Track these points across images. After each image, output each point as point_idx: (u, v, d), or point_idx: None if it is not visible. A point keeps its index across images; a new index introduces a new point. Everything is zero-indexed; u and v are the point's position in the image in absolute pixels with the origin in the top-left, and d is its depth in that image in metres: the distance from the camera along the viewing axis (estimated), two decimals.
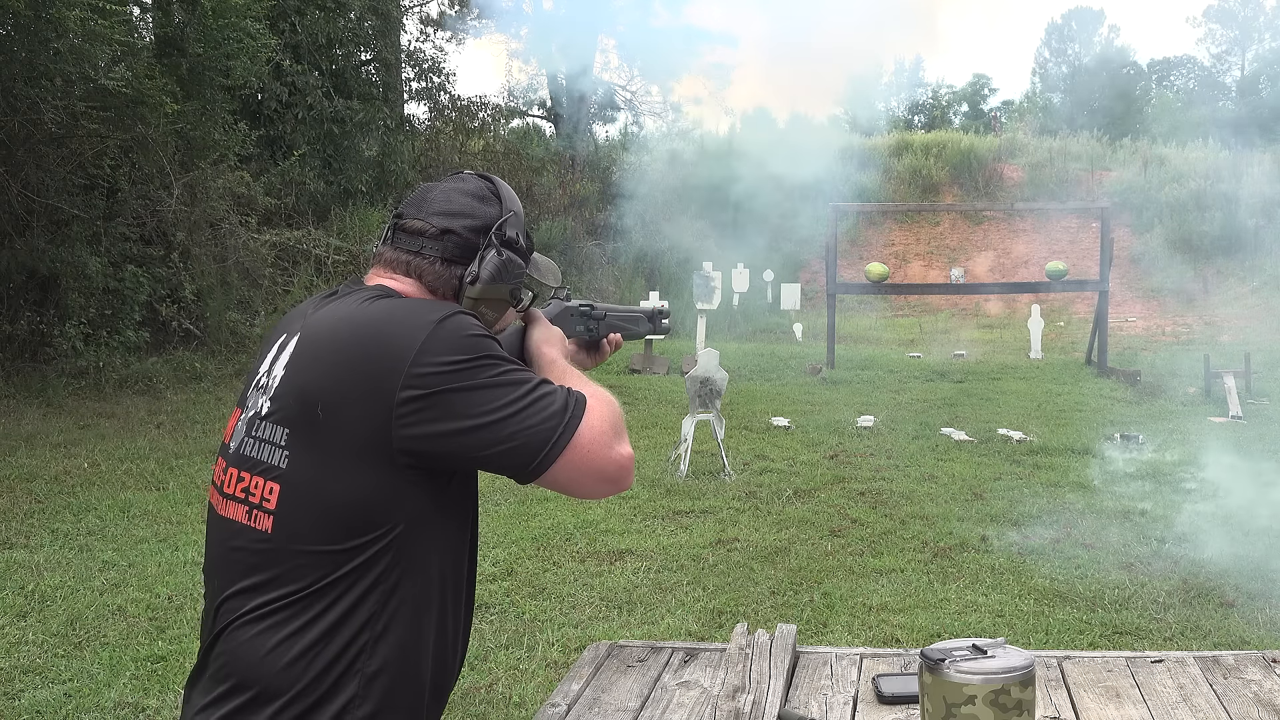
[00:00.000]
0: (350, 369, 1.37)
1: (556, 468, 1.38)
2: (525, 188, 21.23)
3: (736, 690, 2.12)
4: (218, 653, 1.41)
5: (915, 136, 29.69)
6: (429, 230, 1.52)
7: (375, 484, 1.36)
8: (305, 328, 1.47)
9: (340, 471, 1.36)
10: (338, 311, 1.46)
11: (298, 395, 1.40)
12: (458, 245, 1.53)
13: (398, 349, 1.36)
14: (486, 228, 1.54)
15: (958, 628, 4.63)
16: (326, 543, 1.36)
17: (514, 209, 1.60)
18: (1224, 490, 7.24)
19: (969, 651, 1.77)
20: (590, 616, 4.86)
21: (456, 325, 1.39)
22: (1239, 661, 2.39)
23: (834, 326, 14.21)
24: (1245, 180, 23.61)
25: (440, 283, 1.52)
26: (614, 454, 1.42)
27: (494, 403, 1.36)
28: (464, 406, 1.35)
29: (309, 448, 1.38)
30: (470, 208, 1.55)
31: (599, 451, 1.40)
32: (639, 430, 9.41)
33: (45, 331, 10.69)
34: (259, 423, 1.44)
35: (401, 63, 19.75)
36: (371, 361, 1.36)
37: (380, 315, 1.41)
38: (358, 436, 1.35)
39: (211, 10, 11.43)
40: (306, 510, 1.38)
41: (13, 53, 10.01)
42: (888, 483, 7.50)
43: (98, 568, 5.50)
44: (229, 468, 1.47)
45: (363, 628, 1.37)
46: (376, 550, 1.37)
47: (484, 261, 1.52)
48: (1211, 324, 18.72)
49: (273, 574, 1.38)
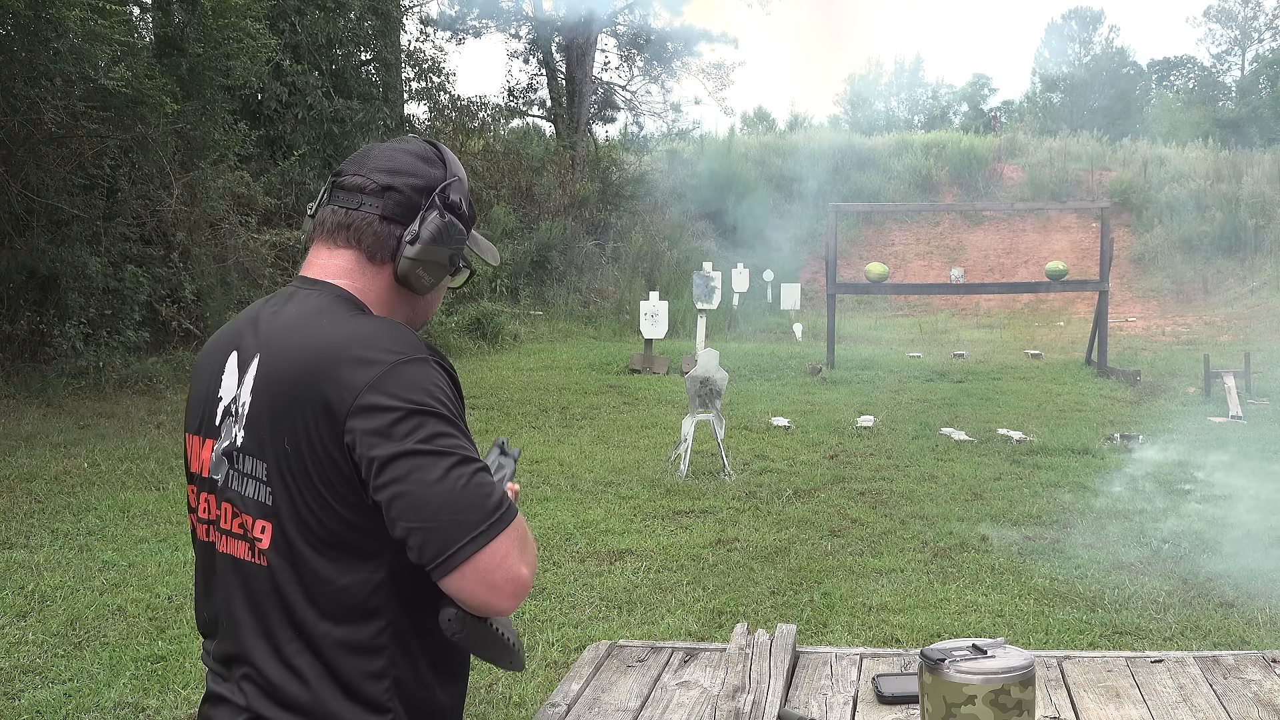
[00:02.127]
0: (306, 403, 1.32)
1: (468, 566, 1.27)
2: (525, 188, 21.24)
3: (736, 690, 2.12)
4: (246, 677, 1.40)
5: (915, 136, 29.72)
6: (369, 186, 1.45)
7: (356, 513, 1.34)
8: (264, 349, 1.41)
9: (320, 504, 1.33)
10: (291, 334, 1.39)
11: (268, 428, 1.36)
12: (398, 204, 1.45)
13: (349, 379, 1.31)
14: (430, 188, 1.47)
15: (958, 628, 4.63)
16: (327, 572, 1.35)
17: (459, 174, 1.53)
18: (1224, 490, 7.24)
19: (969, 651, 1.77)
20: (590, 616, 4.86)
21: (415, 371, 1.33)
22: (1239, 661, 2.39)
23: (834, 326, 14.22)
24: (1245, 180, 23.61)
25: (379, 244, 1.45)
26: (519, 572, 1.31)
27: (420, 473, 1.27)
28: (393, 467, 1.28)
29: (288, 481, 1.34)
30: (414, 166, 1.48)
31: (509, 563, 1.30)
32: (639, 430, 9.42)
33: (45, 331, 10.69)
34: (238, 455, 1.40)
35: (401, 63, 19.76)
36: (326, 384, 1.31)
37: (337, 343, 1.35)
38: (325, 469, 1.32)
39: (211, 10, 11.42)
40: (300, 545, 1.35)
41: (13, 53, 10.00)
42: (888, 483, 7.50)
43: (98, 568, 5.50)
44: (222, 502, 1.42)
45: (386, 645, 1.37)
46: (377, 577, 1.36)
47: (425, 221, 1.45)
48: (1211, 324, 18.72)
49: (283, 607, 1.37)
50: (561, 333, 17.11)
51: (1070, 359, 14.94)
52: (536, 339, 16.62)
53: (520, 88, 24.65)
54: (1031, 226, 24.09)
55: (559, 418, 10.04)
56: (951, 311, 20.89)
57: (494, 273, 17.97)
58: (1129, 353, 15.22)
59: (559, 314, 18.05)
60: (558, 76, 24.10)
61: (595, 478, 7.54)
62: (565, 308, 18.53)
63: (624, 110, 25.61)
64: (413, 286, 1.47)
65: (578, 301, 19.13)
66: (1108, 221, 14.40)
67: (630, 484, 7.39)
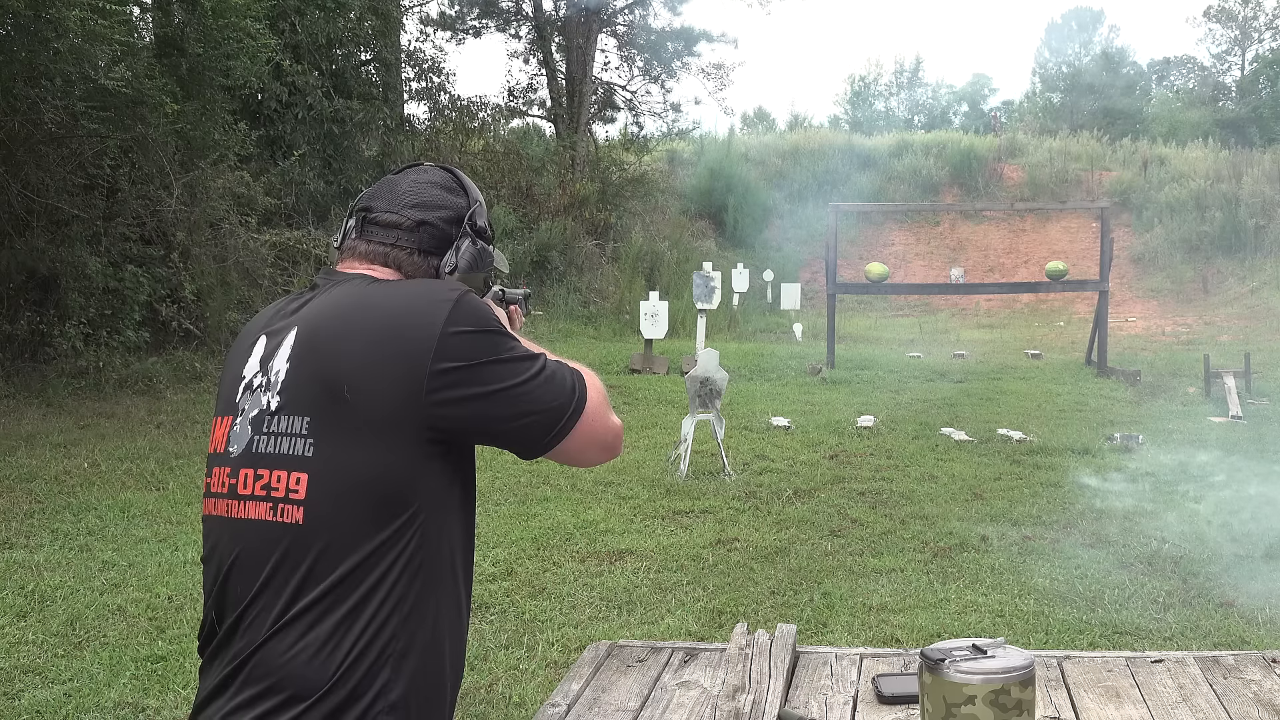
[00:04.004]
0: (378, 346, 1.40)
1: (568, 440, 1.48)
2: (525, 188, 21.23)
3: (736, 690, 2.12)
4: (248, 658, 1.38)
5: (915, 136, 29.71)
6: (404, 223, 1.55)
7: (402, 461, 1.39)
8: (304, 321, 1.47)
9: (369, 451, 1.38)
10: (341, 299, 1.47)
11: (318, 381, 1.41)
12: (433, 237, 1.56)
13: (425, 322, 1.41)
14: (459, 218, 1.59)
15: (958, 628, 4.63)
16: (359, 524, 1.38)
17: (479, 199, 1.64)
18: (1224, 490, 7.24)
19: (969, 651, 1.77)
20: (590, 616, 4.86)
21: (473, 302, 1.46)
22: (1239, 661, 2.39)
23: (834, 326, 14.21)
24: (1245, 180, 23.61)
25: (419, 274, 1.55)
26: (611, 424, 1.55)
27: (516, 377, 1.44)
28: (491, 377, 1.42)
29: (335, 431, 1.39)
30: (441, 199, 1.59)
31: (600, 423, 1.52)
32: (639, 430, 9.41)
33: (45, 331, 10.68)
34: (269, 419, 1.43)
35: (401, 63, 19.75)
36: (399, 337, 1.40)
37: (397, 293, 1.46)
38: (387, 412, 1.38)
39: (211, 10, 11.41)
40: (338, 494, 1.38)
41: (13, 53, 10.00)
42: (888, 483, 7.50)
43: (98, 568, 5.50)
44: (240, 469, 1.44)
45: (394, 610, 1.38)
46: (403, 529, 1.39)
47: (460, 251, 1.57)
48: (1211, 324, 18.72)
49: (305, 566, 1.37)
50: (561, 333, 17.11)
51: (1070, 359, 14.94)
52: (537, 339, 16.40)
53: (520, 88, 24.65)
54: (1031, 226, 24.09)
55: None
56: (951, 311, 20.88)
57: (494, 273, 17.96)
58: (1129, 353, 15.21)
59: (559, 314, 18.05)
60: (558, 76, 24.08)
61: (595, 478, 7.54)
62: (565, 308, 18.53)
63: (624, 110, 25.59)
64: None
65: (578, 301, 19.13)
66: (1108, 221, 14.40)
67: (630, 484, 7.39)
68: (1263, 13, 43.48)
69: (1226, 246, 22.10)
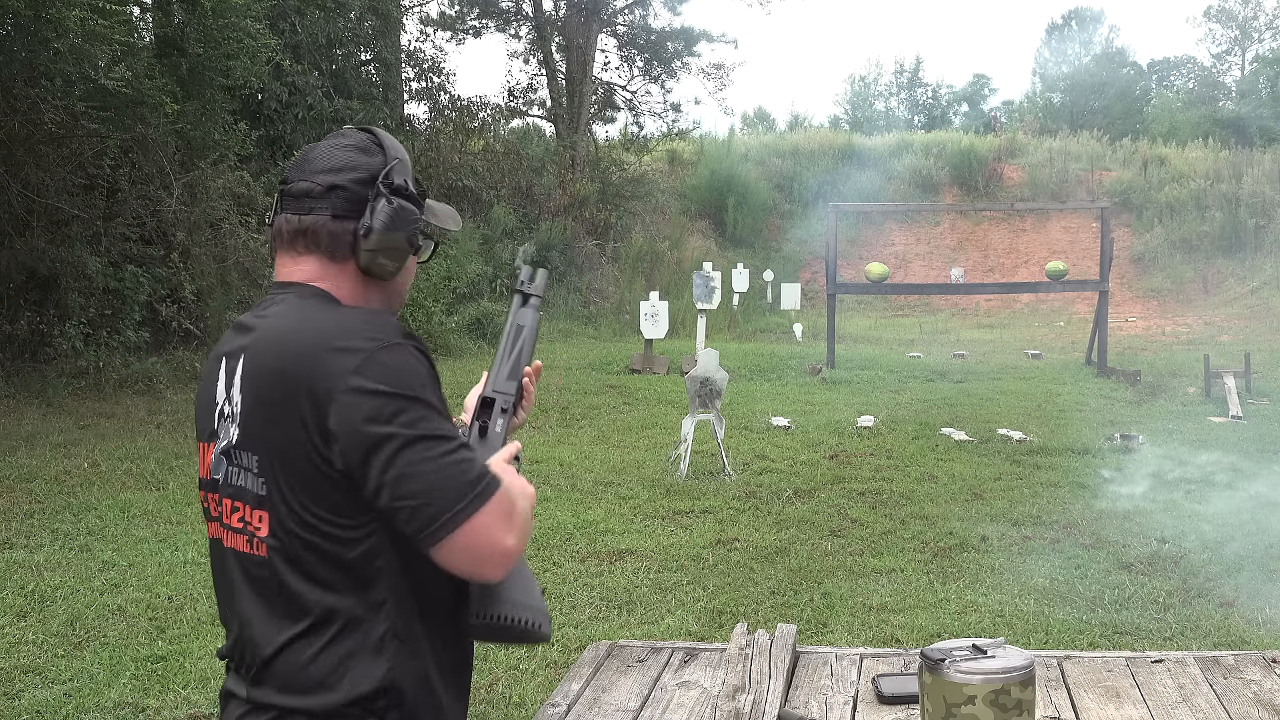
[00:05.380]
0: (293, 394, 1.37)
1: (446, 543, 1.34)
2: (525, 188, 21.23)
3: (736, 690, 2.12)
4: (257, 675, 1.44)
5: (915, 136, 29.70)
6: (315, 190, 1.49)
7: (341, 497, 1.37)
8: (248, 349, 1.46)
9: (305, 491, 1.37)
10: (273, 332, 1.45)
11: (258, 422, 1.41)
12: (346, 200, 1.49)
13: (331, 370, 1.35)
14: (373, 178, 1.50)
15: (958, 628, 4.63)
16: (320, 561, 1.38)
17: (399, 156, 1.55)
18: (1224, 490, 7.24)
19: (969, 651, 1.77)
20: (590, 616, 4.86)
21: (393, 357, 1.37)
22: (1239, 661, 2.39)
23: (834, 326, 14.21)
24: (1245, 180, 23.61)
25: (336, 243, 1.49)
26: (504, 543, 1.37)
27: (406, 452, 1.33)
28: (377, 445, 1.33)
29: (275, 471, 1.39)
30: (353, 160, 1.51)
31: (491, 536, 1.36)
32: (639, 430, 9.42)
33: (45, 331, 10.68)
34: (235, 452, 1.45)
35: (401, 63, 19.75)
36: (309, 384, 1.36)
37: (319, 334, 1.40)
38: (309, 457, 1.36)
39: (211, 10, 11.41)
40: (292, 533, 1.39)
41: (13, 53, 10.00)
42: (888, 483, 7.50)
43: (98, 568, 5.50)
44: (223, 499, 1.47)
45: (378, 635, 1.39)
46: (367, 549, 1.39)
47: (375, 211, 1.48)
48: (1211, 324, 18.72)
49: (285, 596, 1.40)
50: (562, 333, 17.11)
51: (1070, 359, 14.93)
52: (537, 339, 16.60)
53: (520, 88, 24.65)
54: (1031, 226, 24.09)
55: (559, 418, 10.04)
56: (951, 311, 20.88)
57: (494, 273, 17.98)
58: (1129, 353, 15.22)
59: (559, 314, 18.05)
60: (558, 76, 24.08)
61: (595, 478, 7.54)
62: (565, 308, 18.53)
63: (624, 110, 25.58)
64: (378, 275, 1.51)
65: (578, 301, 19.13)
66: (1108, 221, 14.40)
67: (630, 484, 7.39)
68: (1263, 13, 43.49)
69: (1226, 246, 22.10)
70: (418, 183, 1.57)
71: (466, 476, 1.35)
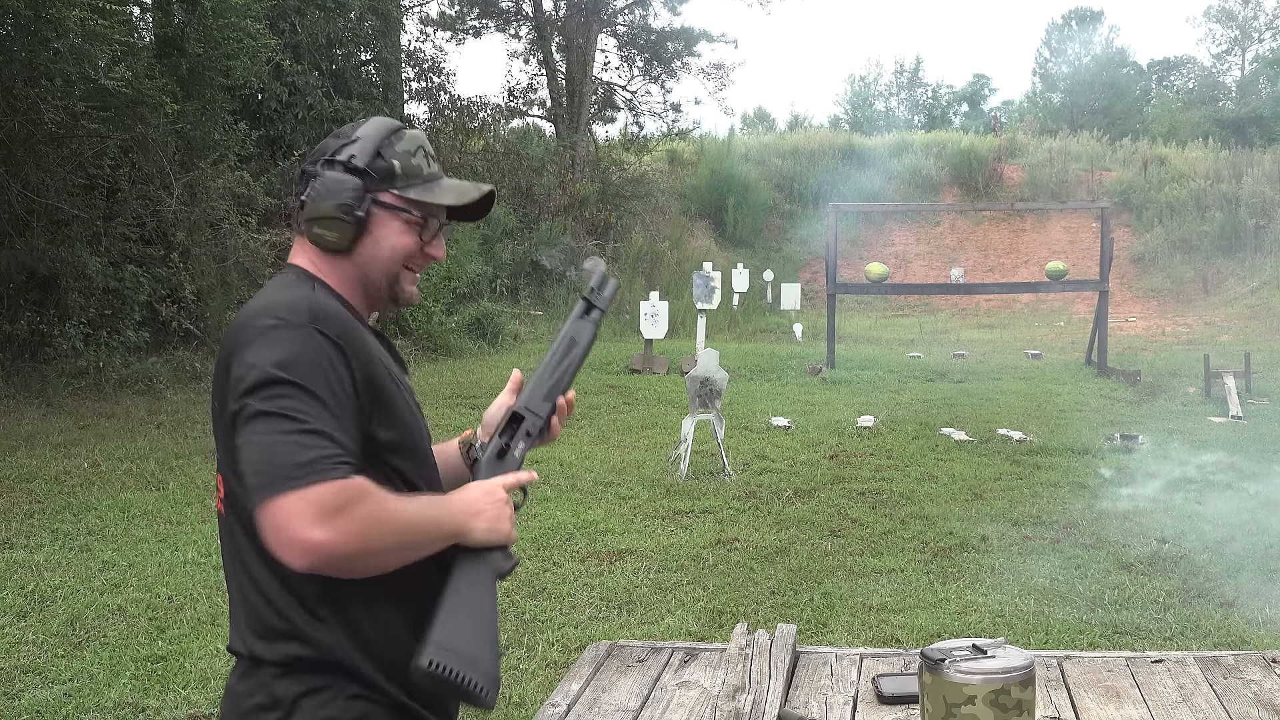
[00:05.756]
0: (219, 364, 1.48)
1: (258, 516, 1.33)
2: (525, 188, 21.23)
3: (736, 690, 2.12)
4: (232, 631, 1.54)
5: (915, 136, 29.70)
6: (299, 177, 1.60)
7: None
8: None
9: (227, 453, 1.45)
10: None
11: (215, 389, 1.51)
12: (310, 184, 1.56)
13: (240, 342, 1.43)
14: (331, 159, 1.56)
15: (958, 628, 4.63)
16: (251, 520, 1.42)
17: (367, 134, 1.57)
18: (1224, 490, 7.24)
19: (969, 651, 1.77)
20: (590, 616, 4.86)
21: (285, 336, 1.40)
22: (1239, 661, 2.39)
23: (834, 326, 14.21)
24: (1245, 180, 23.61)
25: (299, 221, 1.57)
26: (307, 535, 1.30)
27: (255, 426, 1.36)
28: (239, 418, 1.39)
29: (218, 436, 1.49)
30: (328, 145, 1.58)
31: (295, 524, 1.30)
32: (639, 430, 9.42)
33: (45, 331, 10.69)
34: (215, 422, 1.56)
35: (401, 63, 19.74)
36: (224, 359, 1.46)
37: (245, 313, 1.48)
38: (224, 422, 1.45)
39: (211, 10, 11.41)
40: (232, 492, 1.47)
41: (13, 53, 10.00)
42: (888, 483, 7.50)
43: (98, 568, 5.50)
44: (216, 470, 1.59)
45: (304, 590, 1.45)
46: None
47: (309, 186, 1.54)
48: (1211, 324, 18.72)
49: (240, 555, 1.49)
50: None
51: (1070, 359, 14.94)
52: (537, 339, 16.63)
53: (520, 88, 24.65)
54: (1031, 226, 24.08)
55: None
56: (951, 311, 20.88)
57: (494, 273, 17.98)
58: (1129, 353, 15.22)
59: (559, 314, 18.04)
60: (558, 76, 24.08)
61: (595, 478, 7.54)
62: (565, 308, 18.52)
63: (624, 110, 25.59)
64: (323, 245, 1.55)
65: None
66: (1108, 221, 14.40)
67: (630, 484, 7.39)
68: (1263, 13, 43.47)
69: (1226, 246, 22.10)
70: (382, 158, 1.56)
71: (295, 458, 1.33)
